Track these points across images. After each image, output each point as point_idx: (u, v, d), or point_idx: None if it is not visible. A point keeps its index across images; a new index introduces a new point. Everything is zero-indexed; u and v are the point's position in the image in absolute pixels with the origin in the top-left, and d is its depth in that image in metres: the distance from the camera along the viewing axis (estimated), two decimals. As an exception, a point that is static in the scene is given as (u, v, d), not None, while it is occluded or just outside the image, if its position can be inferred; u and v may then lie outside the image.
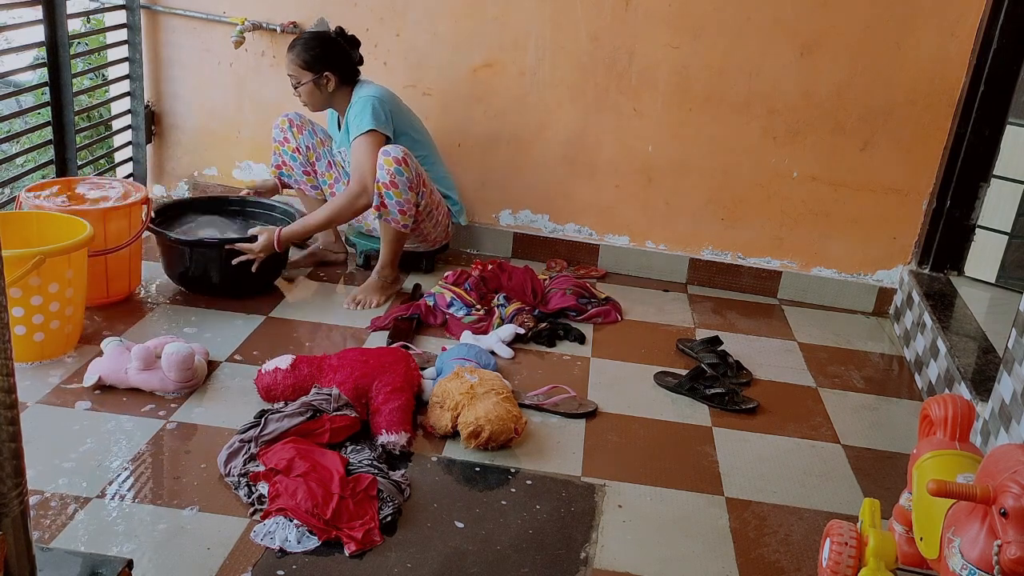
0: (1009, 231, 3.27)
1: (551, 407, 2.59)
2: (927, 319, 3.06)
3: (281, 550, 1.92)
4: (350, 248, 3.61)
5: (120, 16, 3.70)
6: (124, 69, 3.77)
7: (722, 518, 2.20)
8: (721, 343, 3.08)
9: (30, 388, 2.45)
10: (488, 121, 3.64)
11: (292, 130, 3.38)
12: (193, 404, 2.46)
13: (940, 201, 3.38)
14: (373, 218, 3.11)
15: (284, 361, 2.49)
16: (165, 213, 3.21)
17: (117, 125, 3.89)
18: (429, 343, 2.96)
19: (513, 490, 2.22)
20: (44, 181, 3.08)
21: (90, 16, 4.73)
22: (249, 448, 2.18)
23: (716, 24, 3.37)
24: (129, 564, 1.62)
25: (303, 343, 2.88)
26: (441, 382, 2.47)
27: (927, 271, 3.45)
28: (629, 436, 2.52)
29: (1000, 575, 1.40)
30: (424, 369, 2.69)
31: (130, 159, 3.88)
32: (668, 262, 3.71)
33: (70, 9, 3.27)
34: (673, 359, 3.02)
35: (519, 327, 3.00)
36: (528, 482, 2.26)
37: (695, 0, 3.35)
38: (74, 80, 3.33)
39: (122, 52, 3.73)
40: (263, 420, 2.27)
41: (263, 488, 2.07)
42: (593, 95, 3.54)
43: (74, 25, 4.25)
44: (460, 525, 2.06)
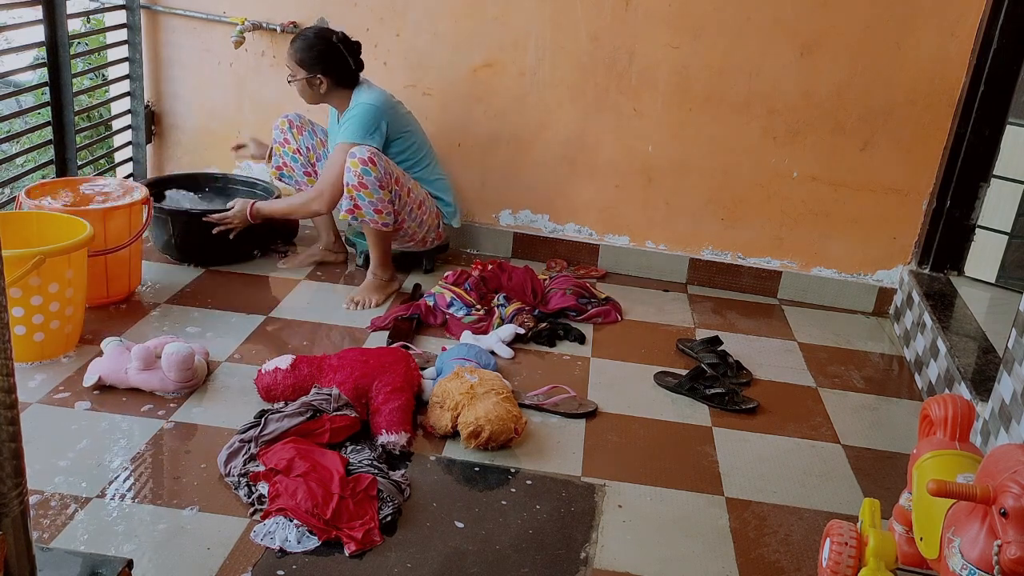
0: (1009, 231, 3.27)
1: (551, 407, 2.59)
2: (927, 319, 3.06)
3: (281, 550, 1.92)
4: (350, 248, 3.61)
5: (120, 16, 3.70)
6: (124, 69, 3.77)
7: (722, 518, 2.20)
8: (721, 343, 3.08)
9: (30, 388, 2.45)
10: (488, 121, 3.64)
11: (292, 131, 3.38)
12: (193, 404, 2.46)
13: (940, 201, 3.38)
14: (347, 219, 3.12)
15: (284, 361, 2.49)
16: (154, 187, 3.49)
17: (117, 125, 3.89)
18: (429, 343, 2.96)
19: (513, 490, 2.22)
20: (44, 181, 3.08)
21: (90, 16, 4.73)
22: (249, 448, 2.18)
23: (716, 24, 3.37)
24: (129, 564, 1.62)
25: (303, 343, 2.88)
26: (441, 382, 2.47)
27: (927, 271, 3.45)
28: (629, 436, 2.52)
29: (1000, 575, 1.40)
30: (424, 369, 2.69)
31: (130, 159, 3.88)
32: (668, 262, 3.71)
33: (70, 9, 3.27)
34: (673, 359, 3.02)
35: (519, 327, 3.00)
36: (528, 482, 2.26)
37: (695, 0, 3.35)
38: (74, 80, 3.33)
39: (122, 52, 3.73)
40: (263, 420, 2.27)
41: (263, 488, 2.07)
42: (593, 95, 3.53)
43: (74, 25, 4.25)
44: (460, 525, 2.06)
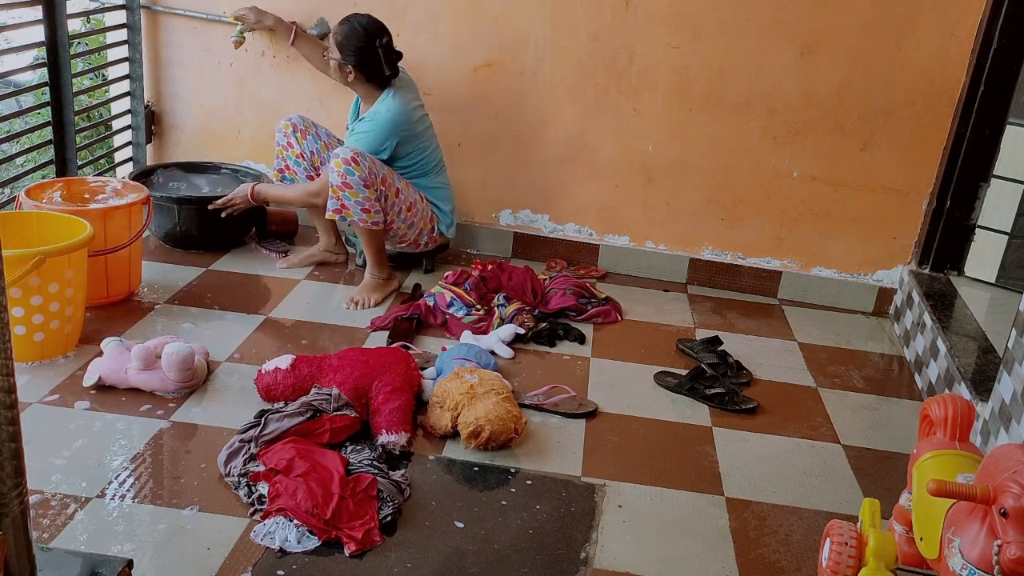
0: (1009, 231, 3.27)
1: (551, 407, 2.59)
2: (927, 319, 3.06)
3: (281, 550, 1.92)
4: (350, 248, 3.61)
5: (120, 16, 3.70)
6: (124, 69, 3.76)
7: (722, 518, 2.20)
8: (721, 343, 3.08)
9: (30, 388, 2.45)
10: (488, 121, 3.64)
11: (296, 135, 3.38)
12: (193, 404, 2.46)
13: (940, 201, 3.38)
14: (335, 218, 3.14)
15: (284, 361, 2.49)
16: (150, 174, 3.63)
17: (117, 125, 3.89)
18: (429, 343, 2.96)
19: (513, 490, 2.22)
20: (44, 181, 3.08)
21: (90, 16, 4.73)
22: (249, 448, 2.18)
23: (716, 24, 3.37)
24: (129, 564, 1.62)
25: (303, 343, 2.88)
26: (441, 382, 2.47)
27: (927, 271, 3.45)
28: (629, 436, 2.52)
29: (1000, 575, 1.40)
30: (424, 369, 2.69)
31: (130, 159, 3.88)
32: (668, 262, 3.71)
33: (70, 9, 3.27)
34: (673, 359, 3.02)
35: (519, 327, 3.00)
36: (528, 482, 2.26)
37: (695, 0, 3.35)
38: (74, 80, 3.33)
39: (122, 52, 3.73)
40: (263, 420, 2.27)
41: (263, 488, 2.07)
42: (593, 95, 3.53)
43: (74, 25, 4.25)
44: (460, 525, 2.06)
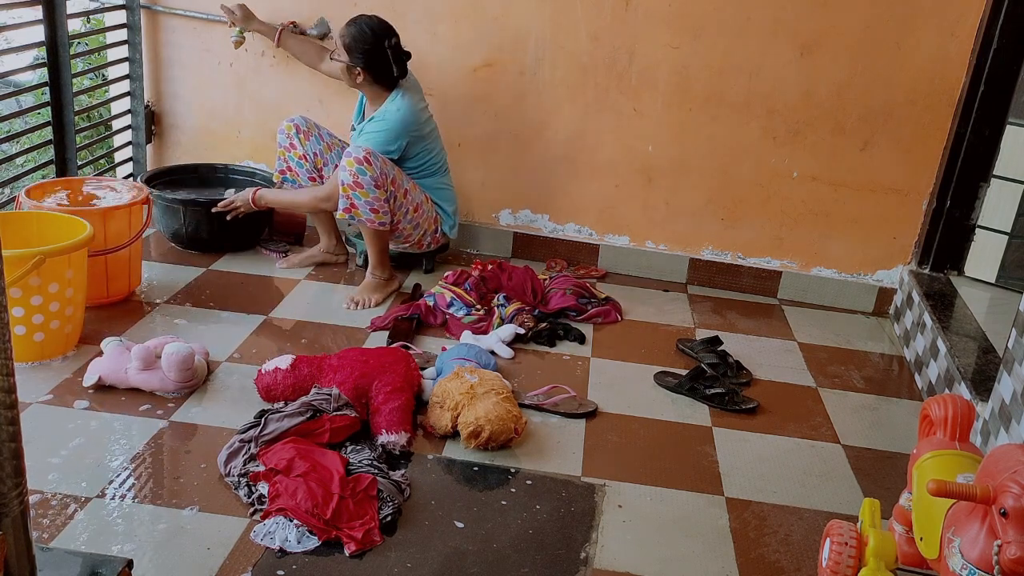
0: (1009, 231, 3.27)
1: (551, 407, 2.59)
2: (927, 319, 3.06)
3: (281, 550, 1.92)
4: (350, 248, 3.61)
5: (120, 16, 3.70)
6: (124, 69, 3.76)
7: (722, 518, 2.20)
8: (721, 343, 3.08)
9: (30, 388, 2.45)
10: (488, 121, 3.64)
11: (299, 136, 3.37)
12: (193, 404, 2.46)
13: (940, 201, 3.38)
14: (344, 217, 3.14)
15: (284, 361, 2.49)
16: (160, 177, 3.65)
17: (117, 125, 3.89)
18: (429, 343, 2.96)
19: (513, 490, 2.22)
20: (44, 181, 3.08)
21: (90, 16, 4.73)
22: (249, 448, 2.18)
23: (716, 24, 3.37)
24: (129, 564, 1.62)
25: (303, 343, 2.88)
26: (441, 382, 2.47)
27: (927, 271, 3.45)
28: (629, 436, 2.52)
29: (1000, 575, 1.40)
30: (424, 369, 2.69)
31: (130, 159, 3.88)
32: (668, 262, 3.71)
33: (70, 9, 3.27)
34: (673, 359, 3.02)
35: (519, 327, 3.00)
36: (528, 482, 2.26)
37: (695, 0, 3.35)
38: (74, 80, 3.33)
39: (122, 52, 3.73)
40: (263, 420, 2.27)
41: (263, 488, 2.07)
42: (593, 95, 3.53)
43: (74, 25, 4.25)
44: (460, 525, 2.06)
